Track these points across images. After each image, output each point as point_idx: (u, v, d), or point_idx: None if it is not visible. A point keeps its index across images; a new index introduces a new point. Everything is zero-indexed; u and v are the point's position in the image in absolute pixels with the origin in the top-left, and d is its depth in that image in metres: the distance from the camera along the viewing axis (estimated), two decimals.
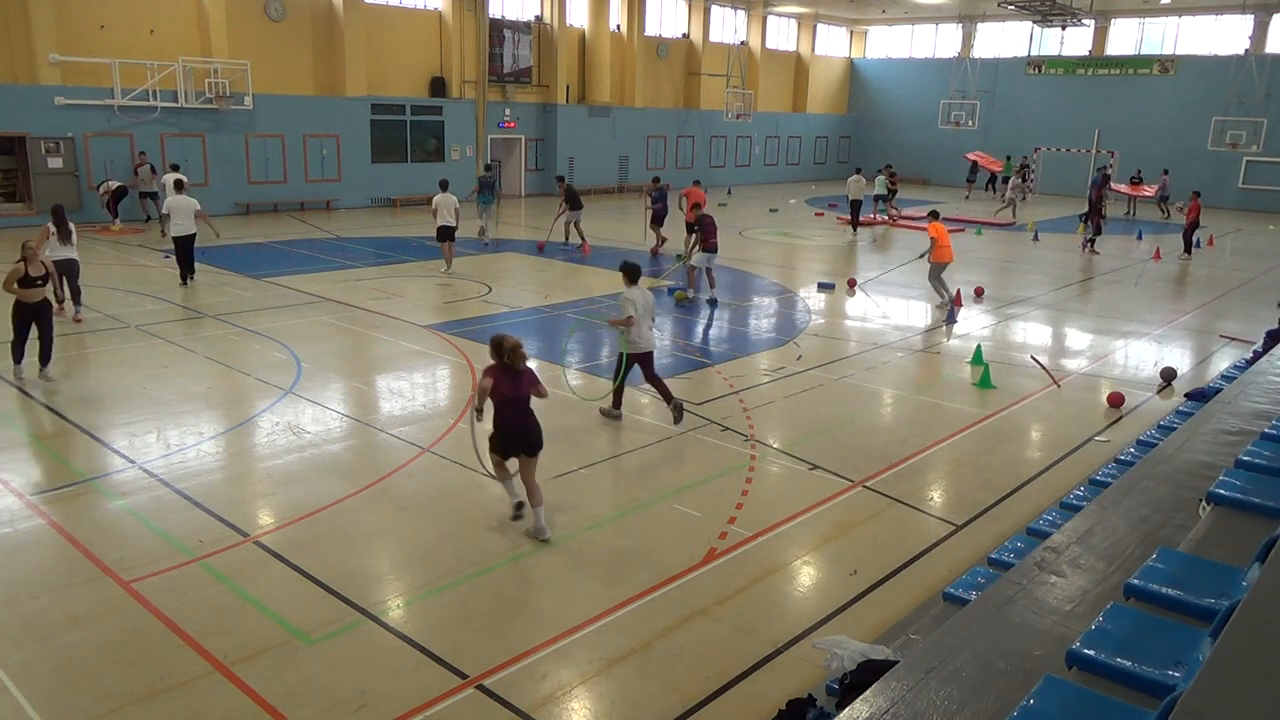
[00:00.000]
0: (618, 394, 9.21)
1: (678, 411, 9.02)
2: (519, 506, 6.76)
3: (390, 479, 7.64)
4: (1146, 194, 32.50)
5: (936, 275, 15.19)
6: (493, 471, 6.91)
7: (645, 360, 9.07)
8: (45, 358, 10.02)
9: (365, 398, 9.98)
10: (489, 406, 6.62)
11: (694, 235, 15.46)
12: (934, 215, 15.49)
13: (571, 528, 6.82)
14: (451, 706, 4.78)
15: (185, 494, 7.22)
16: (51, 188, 21.33)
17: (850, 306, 15.41)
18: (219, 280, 15.90)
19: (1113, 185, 31.87)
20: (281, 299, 14.47)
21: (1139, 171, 33.79)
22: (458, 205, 17.10)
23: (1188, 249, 21.91)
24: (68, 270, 12.35)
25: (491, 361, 6.61)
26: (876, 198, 27.44)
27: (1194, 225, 21.88)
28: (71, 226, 12.69)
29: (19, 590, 5.76)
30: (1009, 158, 35.84)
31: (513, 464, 6.78)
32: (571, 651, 5.28)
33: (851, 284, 16.67)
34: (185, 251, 14.98)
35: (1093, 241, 22.41)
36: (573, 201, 19.99)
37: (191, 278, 15.15)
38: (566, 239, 20.65)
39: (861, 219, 24.84)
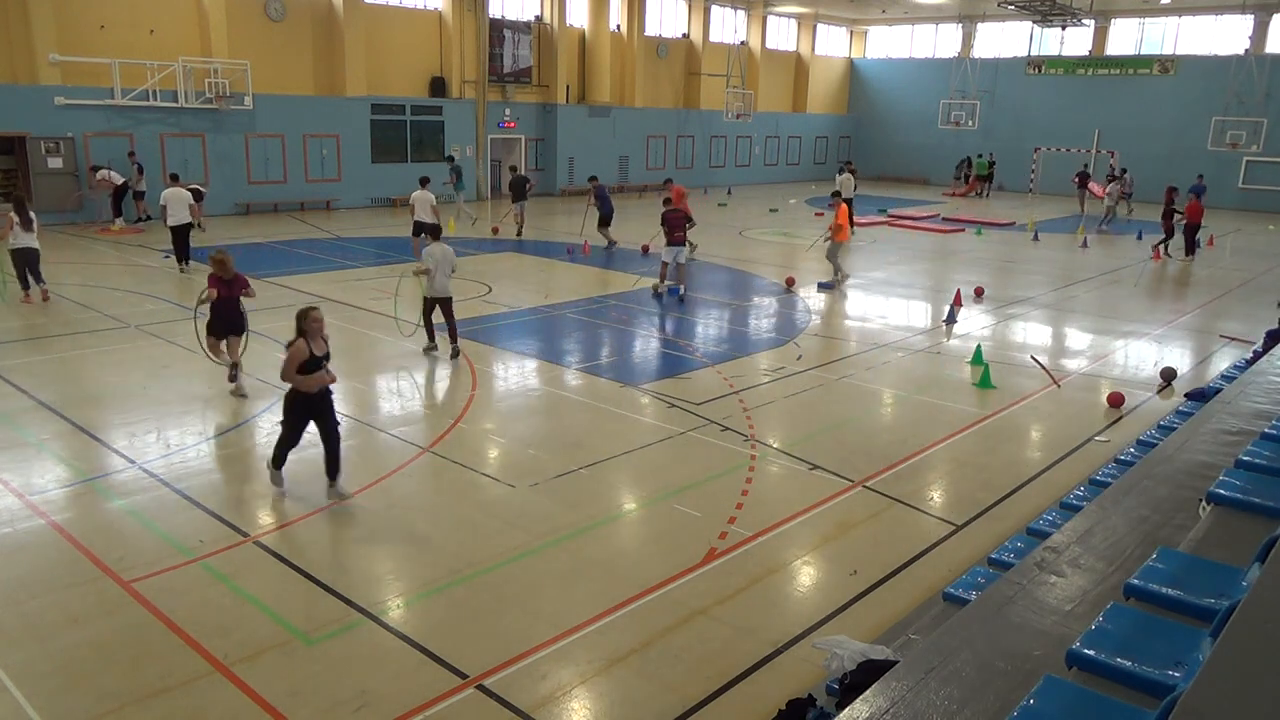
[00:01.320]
0: (427, 331, 11.52)
1: (454, 354, 11.26)
2: (234, 367, 9.83)
3: (390, 479, 7.64)
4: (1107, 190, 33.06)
5: (834, 254, 16.62)
6: (209, 352, 9.95)
7: (444, 304, 11.24)
8: (334, 467, 7.27)
9: (365, 398, 9.98)
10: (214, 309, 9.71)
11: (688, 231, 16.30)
12: (836, 195, 17.05)
13: (571, 528, 6.83)
14: (451, 706, 4.78)
15: (185, 494, 7.22)
16: (51, 188, 21.35)
17: (850, 307, 15.41)
18: None
19: (1092, 186, 32.92)
20: (282, 299, 14.46)
21: (1111, 168, 34.14)
22: (434, 203, 17.19)
23: (1189, 250, 21.86)
24: (28, 258, 13.43)
25: (217, 276, 9.74)
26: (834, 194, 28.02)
27: (1194, 227, 21.75)
28: (33, 215, 13.54)
29: (19, 590, 5.76)
30: (986, 156, 36.91)
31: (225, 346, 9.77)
32: (571, 651, 5.28)
33: (790, 282, 16.68)
34: (181, 239, 16.21)
35: (1164, 244, 21.94)
36: (602, 204, 20.35)
37: (188, 263, 16.27)
38: (610, 244, 20.48)
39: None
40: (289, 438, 7.28)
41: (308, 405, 7.19)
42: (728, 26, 38.59)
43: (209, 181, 23.66)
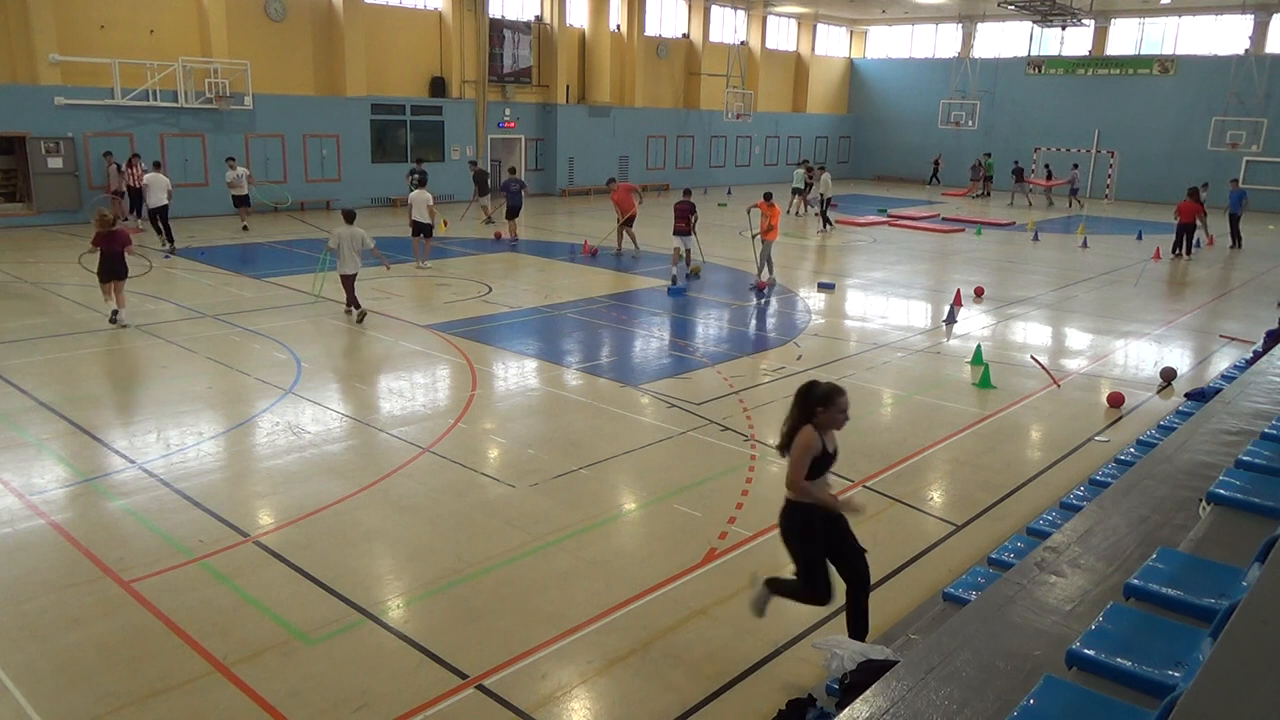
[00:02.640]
0: (350, 301, 13.21)
1: (359, 318, 12.98)
2: (115, 314, 11.93)
3: (390, 479, 7.64)
4: (1060, 183, 34.99)
5: (767, 253, 16.33)
6: (103, 295, 12.11)
7: (348, 279, 13.14)
8: (863, 622, 5.21)
9: (365, 398, 9.98)
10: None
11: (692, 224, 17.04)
12: (768, 197, 16.65)
13: (571, 528, 6.83)
14: (451, 706, 4.78)
15: (185, 494, 7.22)
16: (51, 188, 21.35)
17: (850, 307, 15.41)
18: (219, 280, 15.90)
19: (1029, 179, 35.52)
20: (281, 299, 14.47)
21: (1048, 166, 36.84)
22: (430, 203, 17.28)
23: (1183, 250, 21.77)
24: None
25: (99, 231, 11.96)
26: (794, 191, 29.16)
27: (1184, 227, 21.61)
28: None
29: (19, 590, 5.76)
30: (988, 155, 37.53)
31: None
32: (571, 651, 5.28)
33: (761, 286, 16.30)
34: (164, 220, 18.42)
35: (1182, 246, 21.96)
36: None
37: (173, 243, 18.43)
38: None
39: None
40: (814, 582, 5.01)
41: (826, 526, 5.05)
42: (728, 26, 38.59)
43: (209, 181, 23.66)
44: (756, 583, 5.35)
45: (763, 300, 15.69)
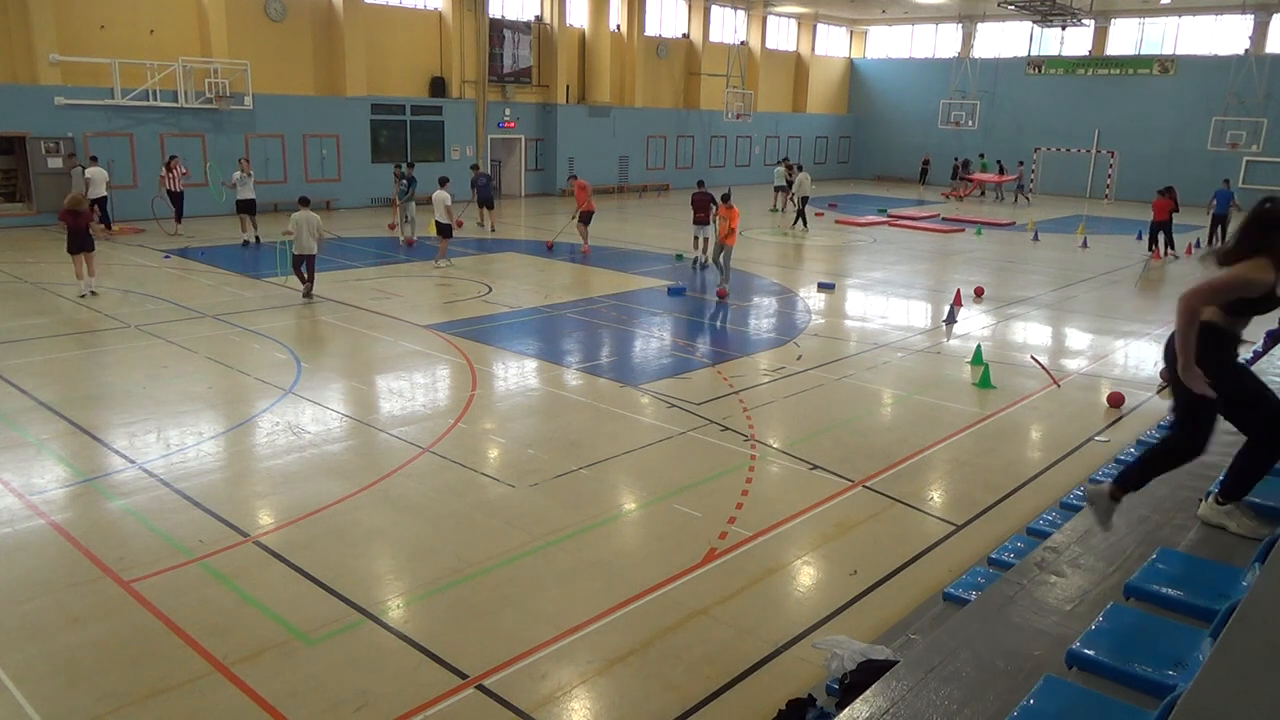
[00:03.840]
0: (298, 277, 14.44)
1: (307, 295, 14.31)
2: (86, 281, 13.76)
3: (390, 479, 7.64)
4: (1010, 179, 35.83)
5: (725, 257, 15.89)
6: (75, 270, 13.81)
7: (307, 260, 14.30)
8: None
9: (365, 398, 9.98)
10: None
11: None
12: (726, 199, 16.32)
13: (571, 528, 6.83)
14: (451, 706, 4.78)
15: (185, 494, 7.22)
16: (51, 188, 21.35)
17: (850, 307, 15.41)
18: (219, 280, 15.91)
19: (972, 175, 36.79)
20: (282, 299, 14.47)
21: (1000, 162, 37.39)
22: (449, 204, 17.37)
23: (1162, 248, 21.76)
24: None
25: (67, 210, 13.72)
26: (776, 189, 29.72)
27: (1158, 224, 21.50)
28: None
29: (19, 590, 5.76)
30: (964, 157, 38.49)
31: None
32: (571, 651, 5.28)
33: (721, 294, 15.71)
34: (104, 209, 19.75)
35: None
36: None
37: (111, 227, 19.98)
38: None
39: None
40: (1194, 439, 4.07)
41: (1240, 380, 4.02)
42: (728, 26, 38.59)
43: (209, 181, 23.65)
44: (1096, 494, 4.26)
45: (721, 306, 15.08)
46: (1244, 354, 12.02)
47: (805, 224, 25.19)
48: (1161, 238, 21.74)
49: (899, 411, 10.08)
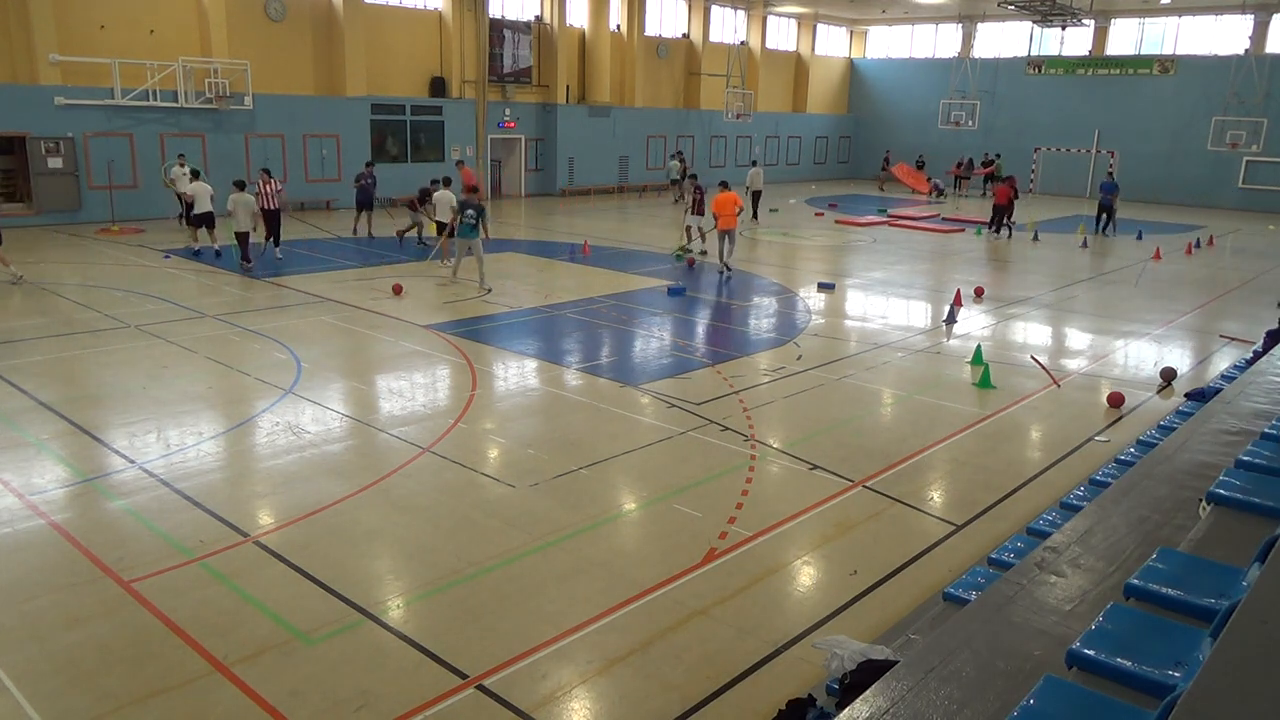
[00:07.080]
0: (240, 250, 16.47)
1: (247, 273, 15.77)
2: (19, 279, 14.36)
3: (390, 479, 7.64)
4: (982, 172, 37.00)
5: (714, 232, 17.28)
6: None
7: (241, 236, 16.36)
8: None
9: (365, 398, 9.98)
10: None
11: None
12: (724, 185, 18.12)
13: (571, 528, 6.83)
14: (451, 706, 4.78)
15: (185, 494, 7.22)
16: (51, 188, 21.35)
17: (850, 307, 15.41)
18: (219, 280, 15.91)
19: (899, 169, 38.31)
20: (281, 299, 14.47)
21: (986, 155, 38.25)
22: (454, 204, 17.22)
23: (997, 228, 24.52)
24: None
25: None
26: (671, 181, 31.12)
27: (999, 208, 24.23)
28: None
29: (19, 590, 5.76)
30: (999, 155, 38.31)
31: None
32: (571, 651, 5.28)
33: (690, 263, 16.70)
34: (209, 227, 19.08)
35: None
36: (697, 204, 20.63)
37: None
38: (705, 242, 20.05)
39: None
40: None
41: None
42: (728, 26, 38.59)
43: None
44: None
45: (721, 306, 15.34)
46: (1244, 354, 12.06)
47: (755, 216, 26.29)
48: (1003, 220, 24.55)
49: (899, 411, 10.08)
